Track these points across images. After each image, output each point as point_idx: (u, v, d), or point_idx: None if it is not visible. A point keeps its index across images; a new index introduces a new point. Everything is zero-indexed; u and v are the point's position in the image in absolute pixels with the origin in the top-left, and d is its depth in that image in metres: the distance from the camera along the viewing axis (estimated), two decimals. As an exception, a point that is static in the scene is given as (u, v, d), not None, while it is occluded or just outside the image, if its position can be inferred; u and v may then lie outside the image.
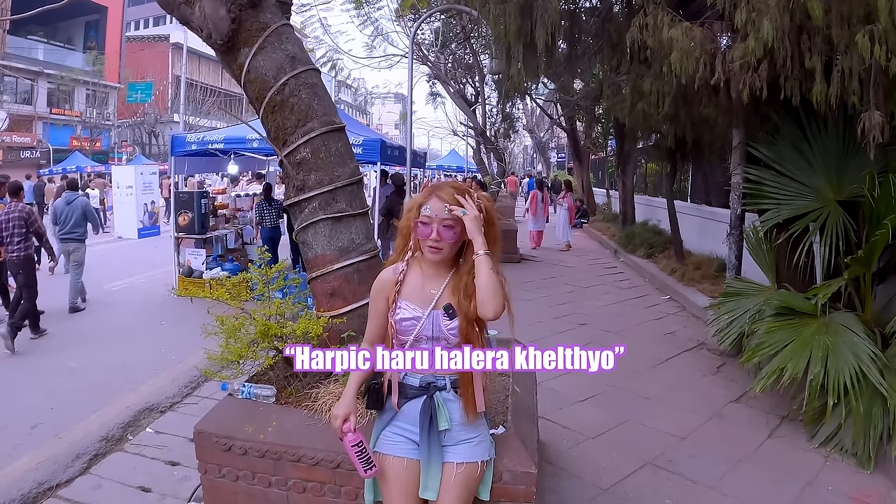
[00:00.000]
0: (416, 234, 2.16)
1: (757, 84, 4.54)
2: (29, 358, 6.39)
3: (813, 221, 4.98)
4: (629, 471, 3.85)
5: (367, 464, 2.14)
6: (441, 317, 2.13)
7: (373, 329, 2.29)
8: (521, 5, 5.98)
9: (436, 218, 2.10)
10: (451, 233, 2.11)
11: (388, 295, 2.21)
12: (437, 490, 2.13)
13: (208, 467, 2.73)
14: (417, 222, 2.14)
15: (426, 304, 2.16)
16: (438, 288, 2.18)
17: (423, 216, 2.13)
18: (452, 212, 2.08)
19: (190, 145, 9.41)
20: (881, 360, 4.13)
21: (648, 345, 6.53)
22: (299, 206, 3.11)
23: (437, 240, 2.10)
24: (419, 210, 2.15)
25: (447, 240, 2.11)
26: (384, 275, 2.27)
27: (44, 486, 3.87)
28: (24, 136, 31.09)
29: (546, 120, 29.89)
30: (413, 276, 2.22)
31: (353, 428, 2.16)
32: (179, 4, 3.27)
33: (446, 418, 2.15)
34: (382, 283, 2.25)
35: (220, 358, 2.87)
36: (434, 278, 2.20)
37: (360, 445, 2.14)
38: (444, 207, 2.10)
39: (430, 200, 2.14)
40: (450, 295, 2.17)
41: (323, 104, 3.14)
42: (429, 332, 2.15)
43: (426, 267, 2.21)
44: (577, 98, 15.59)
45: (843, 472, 3.89)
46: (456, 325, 2.12)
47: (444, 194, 2.14)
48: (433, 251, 2.13)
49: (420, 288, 2.20)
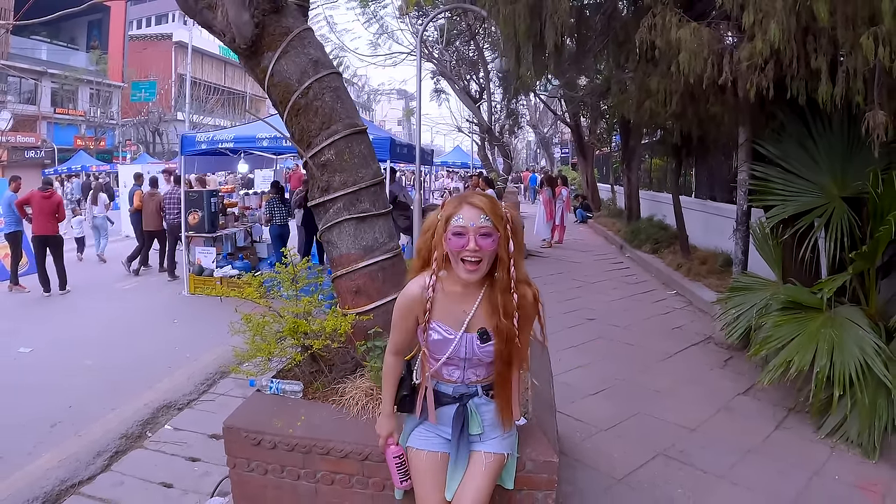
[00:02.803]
0: (448, 247, 1.99)
1: (763, 83, 4.57)
2: (45, 356, 6.47)
3: (818, 217, 5.01)
4: (641, 461, 3.92)
5: (405, 476, 2.24)
6: (475, 340, 2.07)
7: (398, 342, 2.22)
8: (531, 6, 6.03)
9: (471, 227, 1.94)
10: (490, 241, 1.96)
11: (417, 314, 2.12)
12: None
13: (237, 462, 2.77)
14: (449, 234, 1.97)
15: (458, 326, 2.08)
16: (470, 308, 2.08)
17: (455, 226, 1.96)
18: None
19: (200, 144, 9.45)
20: (885, 352, 4.19)
21: (657, 339, 6.59)
22: (324, 206, 3.18)
23: (476, 250, 1.94)
24: (448, 222, 1.99)
25: (486, 248, 1.95)
26: (412, 290, 2.13)
27: (66, 483, 3.92)
28: (29, 135, 31.19)
29: (549, 115, 29.79)
30: (441, 296, 2.10)
31: (396, 442, 2.26)
32: (202, 9, 3.31)
33: (478, 423, 2.17)
34: (410, 301, 2.12)
35: (249, 354, 2.94)
36: (465, 297, 2.09)
37: (401, 458, 2.25)
38: (479, 215, 1.95)
39: (462, 209, 1.98)
40: (484, 315, 2.07)
41: (346, 107, 3.21)
42: (462, 354, 2.10)
43: (453, 285, 2.10)
44: (581, 94, 15.58)
45: (848, 461, 3.95)
46: (490, 348, 2.06)
47: (477, 201, 2.00)
48: (472, 268, 1.97)
49: (450, 308, 2.10)
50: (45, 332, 7.42)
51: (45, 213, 9.55)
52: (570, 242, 14.82)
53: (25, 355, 6.51)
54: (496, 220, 1.97)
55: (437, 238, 2.05)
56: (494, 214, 1.98)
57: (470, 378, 2.17)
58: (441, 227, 2.02)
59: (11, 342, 6.89)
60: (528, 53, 6.45)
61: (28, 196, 9.67)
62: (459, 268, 2.00)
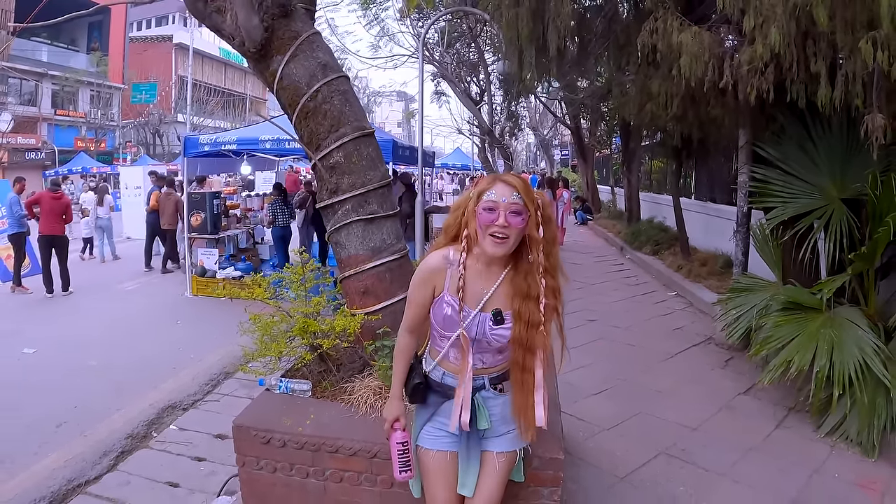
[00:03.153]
0: (479, 221, 1.99)
1: (764, 87, 4.61)
2: (49, 357, 6.49)
3: (818, 219, 5.04)
4: (644, 460, 3.96)
5: (404, 465, 2.17)
6: (488, 320, 2.05)
7: (412, 317, 2.20)
8: (533, 10, 6.06)
9: (503, 203, 1.95)
10: (520, 219, 1.96)
11: (435, 284, 2.11)
12: (474, 487, 2.16)
13: (246, 460, 2.80)
14: (480, 209, 1.98)
15: (475, 304, 2.06)
16: (490, 287, 2.07)
17: (487, 201, 1.97)
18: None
19: (203, 146, 9.46)
20: (884, 352, 4.23)
21: (658, 340, 6.63)
22: (332, 208, 3.22)
23: (505, 225, 1.94)
24: (480, 198, 2.00)
25: (515, 225, 1.96)
26: (432, 261, 2.13)
27: (73, 483, 3.94)
28: (29, 137, 31.13)
29: (550, 117, 29.81)
30: (468, 273, 2.08)
31: (402, 428, 2.19)
32: (211, 13, 3.33)
33: (486, 417, 2.13)
34: (429, 272, 2.12)
35: (259, 353, 2.98)
36: (486, 275, 2.08)
37: (404, 445, 2.18)
38: (511, 192, 1.97)
39: (496, 185, 2.00)
40: (503, 296, 2.07)
41: (354, 110, 3.25)
42: (472, 333, 2.07)
43: (477, 263, 2.08)
44: (582, 97, 15.61)
45: (848, 460, 3.99)
46: (501, 331, 2.05)
47: (510, 179, 2.03)
48: (498, 241, 1.96)
49: (470, 284, 2.07)
50: (48, 332, 7.45)
51: (53, 214, 9.78)
52: (571, 244, 14.81)
53: (29, 356, 6.54)
54: (528, 199, 1.99)
55: (467, 214, 2.06)
56: (526, 194, 1.99)
57: (477, 365, 2.12)
58: (473, 202, 2.03)
59: (15, 343, 6.93)
60: (530, 56, 6.48)
61: (38, 196, 10.07)
62: (486, 242, 1.98)
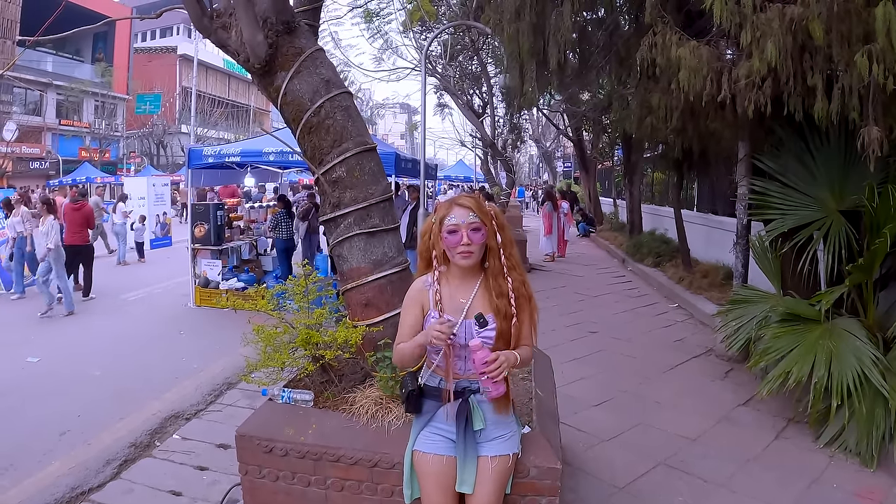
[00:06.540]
0: (444, 244, 2.28)
1: (761, 100, 4.65)
2: (53, 366, 6.53)
3: (816, 231, 5.07)
4: (643, 470, 3.98)
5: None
6: (472, 325, 2.23)
7: (405, 337, 2.38)
8: (534, 24, 6.13)
9: (463, 223, 2.24)
10: (479, 234, 2.25)
11: (422, 302, 2.37)
12: (473, 484, 2.26)
13: (249, 469, 2.82)
14: (444, 234, 2.27)
15: (457, 314, 2.29)
16: (468, 297, 2.32)
17: (449, 226, 2.26)
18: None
19: (207, 158, 9.47)
20: (883, 363, 4.26)
21: (658, 351, 6.66)
22: (335, 221, 3.26)
23: (468, 243, 2.23)
24: (442, 223, 2.28)
25: (477, 241, 2.24)
26: (416, 286, 2.41)
27: (76, 490, 3.97)
28: (34, 146, 31.25)
29: (552, 129, 29.93)
30: (443, 289, 2.34)
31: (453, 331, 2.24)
32: (216, 29, 3.38)
33: (481, 418, 2.29)
34: (416, 293, 2.40)
35: (262, 364, 3.01)
36: (462, 288, 2.34)
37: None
38: (468, 213, 2.25)
39: (453, 210, 2.28)
40: (481, 301, 2.31)
41: (356, 125, 3.30)
42: (461, 340, 2.27)
43: (452, 278, 2.36)
44: (584, 109, 15.69)
45: (847, 470, 4.01)
46: (487, 332, 2.24)
47: (464, 201, 2.32)
48: (465, 255, 2.25)
49: (449, 298, 2.33)
50: (52, 342, 7.51)
51: (76, 224, 10.02)
52: (573, 256, 14.87)
53: (34, 365, 6.58)
54: (483, 216, 2.28)
55: (433, 238, 2.35)
56: (481, 211, 2.29)
57: (469, 368, 2.29)
58: (437, 228, 2.32)
59: (19, 352, 6.98)
60: (531, 70, 6.55)
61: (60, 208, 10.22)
62: (456, 258, 2.28)
